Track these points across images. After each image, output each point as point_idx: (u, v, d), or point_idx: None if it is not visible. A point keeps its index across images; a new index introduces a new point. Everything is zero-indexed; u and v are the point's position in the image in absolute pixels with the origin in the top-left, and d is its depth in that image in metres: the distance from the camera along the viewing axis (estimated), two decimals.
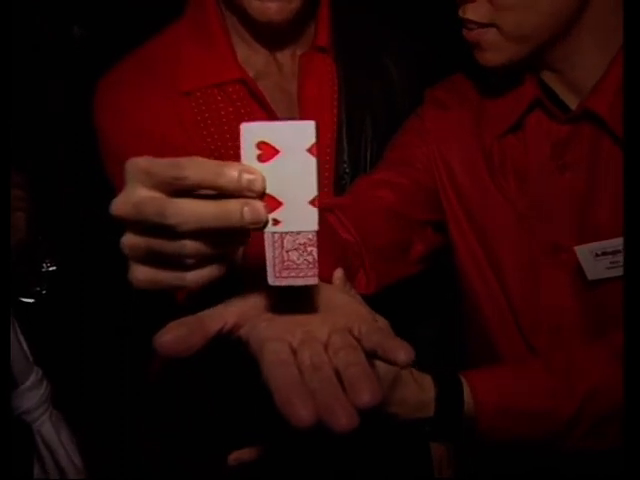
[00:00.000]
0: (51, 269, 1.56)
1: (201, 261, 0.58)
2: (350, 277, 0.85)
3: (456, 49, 1.04)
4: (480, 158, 1.06)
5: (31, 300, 1.54)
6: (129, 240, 0.57)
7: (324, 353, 0.58)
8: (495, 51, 0.95)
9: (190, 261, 0.58)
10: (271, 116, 1.17)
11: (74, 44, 1.89)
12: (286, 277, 0.59)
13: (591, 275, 0.97)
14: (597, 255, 0.95)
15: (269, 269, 0.60)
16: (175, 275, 0.59)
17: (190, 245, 0.56)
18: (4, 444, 0.83)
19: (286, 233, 0.59)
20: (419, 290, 1.19)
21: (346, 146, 1.19)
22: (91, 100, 1.17)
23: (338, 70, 1.20)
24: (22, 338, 1.34)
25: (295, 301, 0.63)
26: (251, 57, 1.19)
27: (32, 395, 1.34)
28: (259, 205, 0.56)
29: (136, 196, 0.55)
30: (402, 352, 0.57)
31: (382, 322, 0.67)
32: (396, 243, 1.07)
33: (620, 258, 0.93)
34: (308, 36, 1.21)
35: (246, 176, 0.56)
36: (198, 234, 0.55)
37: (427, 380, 0.79)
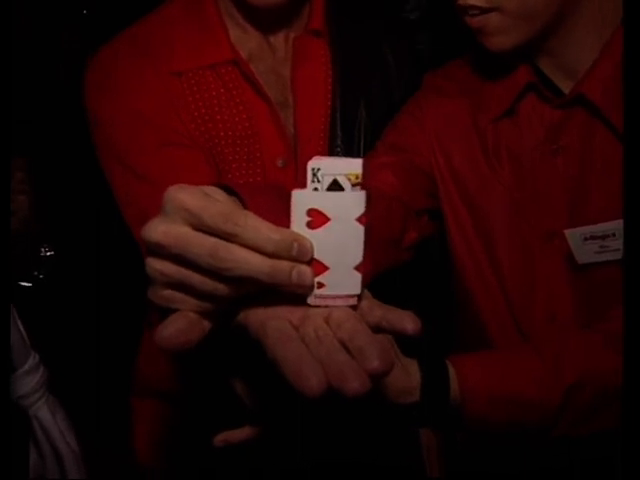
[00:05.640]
0: (49, 254, 1.56)
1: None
2: None
3: (453, 35, 1.03)
4: (476, 143, 1.06)
5: (29, 284, 1.54)
6: (158, 265, 0.59)
7: (327, 326, 0.59)
8: (502, 34, 0.94)
9: (218, 299, 0.60)
10: (263, 98, 1.16)
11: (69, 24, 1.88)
12: (325, 298, 0.61)
13: (580, 259, 0.96)
14: (586, 239, 0.95)
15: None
16: (197, 304, 0.60)
17: (224, 288, 0.58)
18: (3, 430, 0.83)
19: None
20: (408, 277, 1.18)
21: (339, 131, 1.18)
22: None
23: (332, 54, 1.19)
24: (19, 322, 1.34)
25: None
26: (244, 39, 1.18)
27: (29, 380, 1.34)
28: (307, 270, 0.59)
29: (181, 231, 0.57)
30: (409, 320, 0.59)
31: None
32: (393, 231, 1.06)
33: (610, 242, 0.92)
34: (302, 19, 1.19)
35: (297, 246, 0.58)
36: (238, 280, 0.57)
37: (413, 365, 0.79)
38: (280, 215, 0.60)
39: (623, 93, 0.79)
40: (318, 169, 0.59)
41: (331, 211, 0.59)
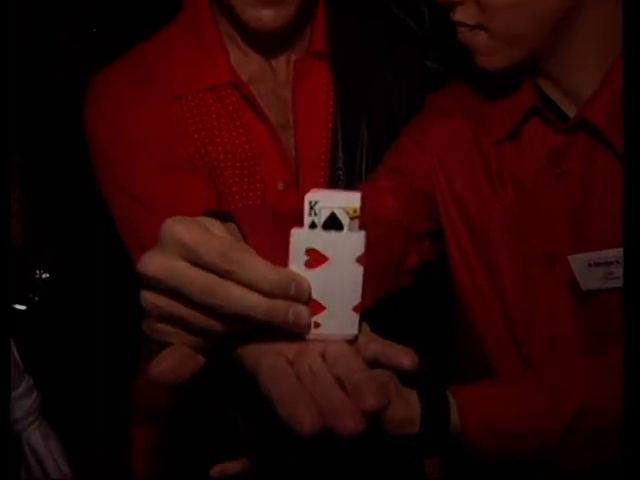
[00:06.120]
0: (44, 276, 1.55)
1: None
2: None
3: (455, 55, 1.03)
4: (479, 165, 1.05)
5: (23, 307, 1.52)
6: (153, 299, 0.59)
7: (322, 362, 0.58)
8: (488, 54, 0.94)
9: (213, 335, 0.60)
10: (264, 121, 1.15)
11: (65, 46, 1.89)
12: (321, 337, 0.61)
13: (585, 285, 0.95)
14: (590, 265, 0.93)
15: None
16: (192, 338, 0.60)
17: (219, 324, 0.58)
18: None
19: None
20: (408, 301, 1.16)
21: (341, 153, 1.17)
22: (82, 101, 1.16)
23: (334, 76, 1.18)
24: (13, 345, 1.33)
25: None
26: (245, 62, 1.18)
27: (22, 404, 1.33)
28: (304, 311, 0.58)
29: (177, 266, 0.56)
30: (406, 357, 0.58)
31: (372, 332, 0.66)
32: (393, 255, 1.05)
33: (614, 269, 0.91)
34: (303, 41, 1.19)
35: (295, 286, 0.57)
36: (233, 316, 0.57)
37: (413, 396, 0.77)
38: (279, 244, 0.59)
39: (623, 117, 0.79)
40: (315, 202, 0.58)
41: (330, 251, 0.59)
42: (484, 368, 1.06)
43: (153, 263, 0.57)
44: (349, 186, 1.15)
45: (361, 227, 0.60)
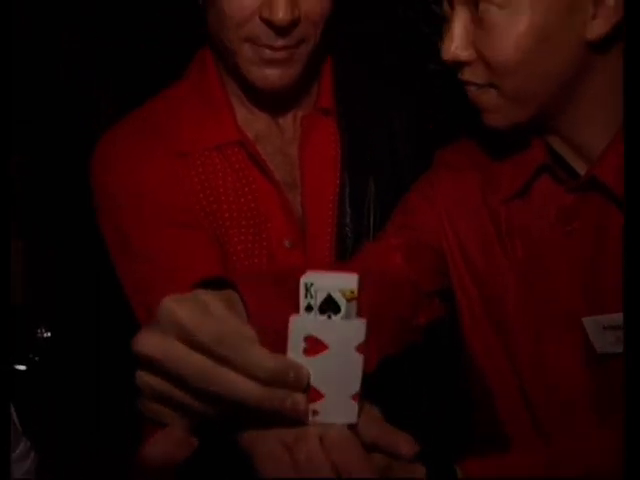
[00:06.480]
0: (46, 335, 1.52)
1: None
2: None
3: (463, 111, 1.02)
4: (488, 222, 1.04)
5: (23, 367, 1.50)
6: (148, 379, 0.58)
7: (320, 449, 0.57)
8: (496, 112, 0.94)
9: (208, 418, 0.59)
10: (270, 180, 1.15)
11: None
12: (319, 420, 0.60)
13: (600, 348, 0.93)
14: (605, 328, 0.91)
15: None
16: (186, 421, 0.60)
17: (214, 408, 0.58)
18: None
19: None
20: (415, 359, 1.14)
21: (348, 209, 1.17)
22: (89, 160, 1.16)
23: (341, 132, 1.19)
24: (11, 407, 1.30)
25: None
26: (251, 120, 1.18)
27: (19, 467, 1.30)
28: (302, 399, 0.58)
29: (173, 347, 0.56)
30: (405, 445, 0.59)
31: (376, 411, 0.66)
32: (402, 314, 1.04)
33: None
34: (310, 98, 1.20)
35: (293, 375, 0.57)
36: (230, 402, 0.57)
37: (419, 470, 0.74)
38: (280, 309, 0.59)
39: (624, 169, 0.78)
40: (311, 284, 0.57)
41: (330, 339, 0.58)
42: (495, 428, 1.04)
43: (149, 343, 0.57)
44: (357, 242, 1.14)
45: (359, 312, 0.60)
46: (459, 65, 0.93)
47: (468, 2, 0.88)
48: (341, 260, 1.16)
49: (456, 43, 0.90)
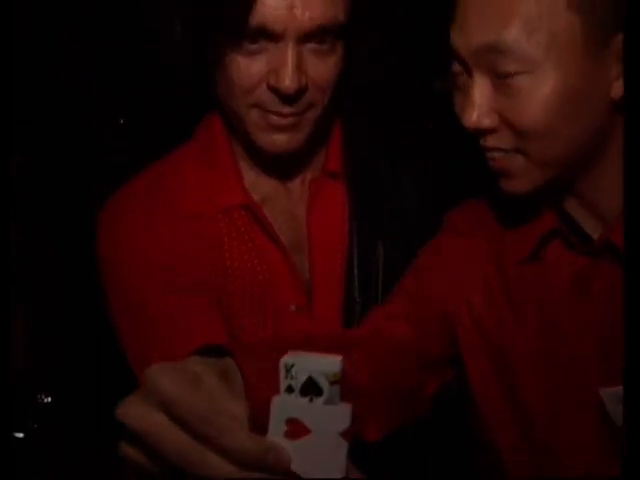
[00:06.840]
0: (46, 401, 1.49)
1: None
2: (358, 424, 0.80)
3: (473, 174, 1.02)
4: (498, 286, 1.03)
5: (21, 435, 1.47)
6: (129, 451, 0.58)
7: None
8: (522, 177, 0.92)
9: None
10: (276, 244, 1.14)
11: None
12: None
13: (619, 421, 0.89)
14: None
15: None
16: None
17: None
18: None
19: None
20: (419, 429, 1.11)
21: (357, 273, 1.16)
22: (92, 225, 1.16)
23: (349, 195, 1.18)
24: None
25: None
26: (259, 183, 1.18)
27: None
28: None
29: (155, 421, 0.56)
30: None
31: None
32: (410, 383, 1.02)
33: None
34: (319, 161, 1.20)
35: (272, 457, 0.56)
36: None
37: None
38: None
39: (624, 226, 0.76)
40: (292, 365, 0.56)
41: (312, 423, 0.56)
42: None
43: (131, 414, 0.56)
44: (365, 307, 1.12)
45: (342, 395, 0.57)
46: (481, 132, 0.91)
47: (489, 69, 0.87)
48: (348, 324, 1.14)
49: (478, 111, 0.89)
